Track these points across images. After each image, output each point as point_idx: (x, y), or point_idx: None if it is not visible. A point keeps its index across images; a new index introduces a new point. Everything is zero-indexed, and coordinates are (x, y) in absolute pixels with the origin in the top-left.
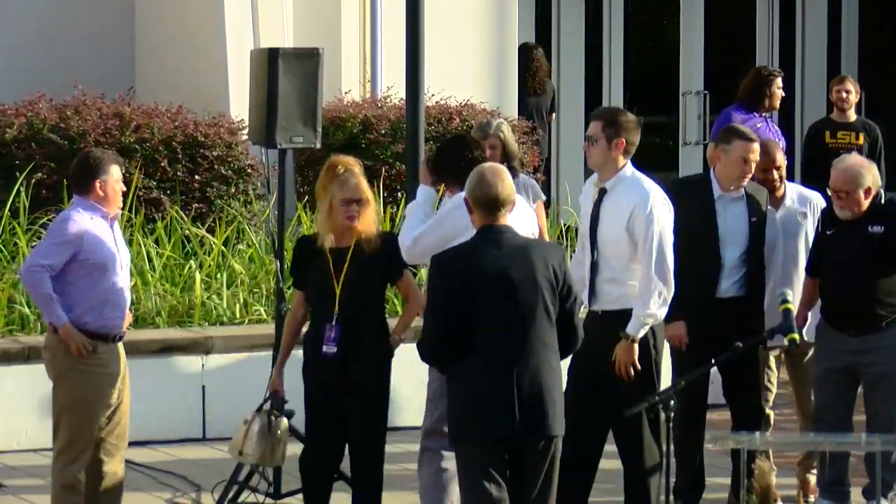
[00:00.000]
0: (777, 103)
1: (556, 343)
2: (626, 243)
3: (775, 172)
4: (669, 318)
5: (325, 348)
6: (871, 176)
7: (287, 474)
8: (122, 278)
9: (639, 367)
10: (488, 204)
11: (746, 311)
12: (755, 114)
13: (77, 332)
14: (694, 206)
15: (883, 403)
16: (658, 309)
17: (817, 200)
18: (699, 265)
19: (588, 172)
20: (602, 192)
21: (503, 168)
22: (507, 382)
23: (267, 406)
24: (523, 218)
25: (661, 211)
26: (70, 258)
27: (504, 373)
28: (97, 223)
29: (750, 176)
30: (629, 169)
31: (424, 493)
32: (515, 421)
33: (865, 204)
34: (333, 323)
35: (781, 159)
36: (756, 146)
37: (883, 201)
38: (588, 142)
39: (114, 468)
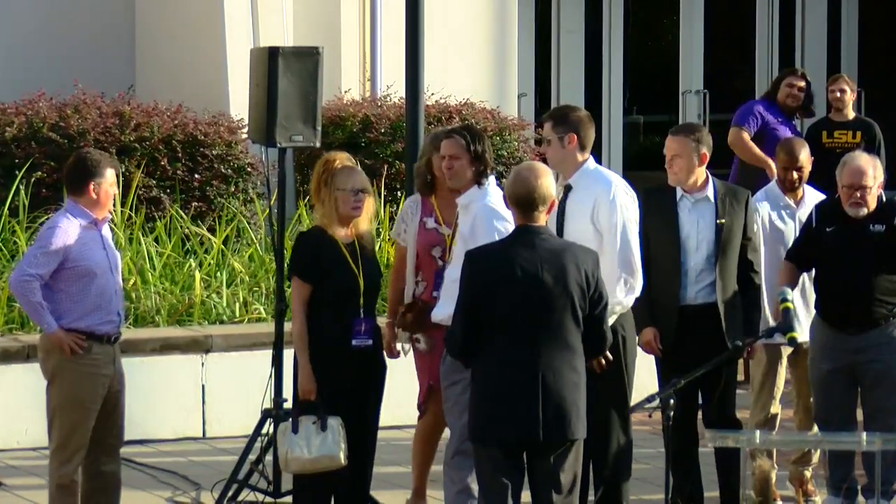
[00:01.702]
0: (790, 101)
1: (581, 346)
2: (591, 235)
3: (795, 173)
4: (639, 326)
5: (357, 342)
6: (880, 173)
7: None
8: (114, 282)
9: (610, 357)
10: (522, 202)
11: (717, 318)
12: (777, 108)
13: (68, 335)
14: (656, 209)
15: (884, 401)
16: (625, 297)
17: None
18: (661, 271)
19: None
20: (567, 189)
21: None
22: (531, 384)
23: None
24: None
25: (625, 200)
26: (58, 266)
27: (528, 374)
28: (85, 229)
29: (686, 172)
30: (591, 163)
31: None
32: (538, 423)
33: (875, 201)
34: (362, 316)
35: (804, 159)
36: (674, 140)
37: (884, 200)
38: (544, 144)
39: (111, 468)
